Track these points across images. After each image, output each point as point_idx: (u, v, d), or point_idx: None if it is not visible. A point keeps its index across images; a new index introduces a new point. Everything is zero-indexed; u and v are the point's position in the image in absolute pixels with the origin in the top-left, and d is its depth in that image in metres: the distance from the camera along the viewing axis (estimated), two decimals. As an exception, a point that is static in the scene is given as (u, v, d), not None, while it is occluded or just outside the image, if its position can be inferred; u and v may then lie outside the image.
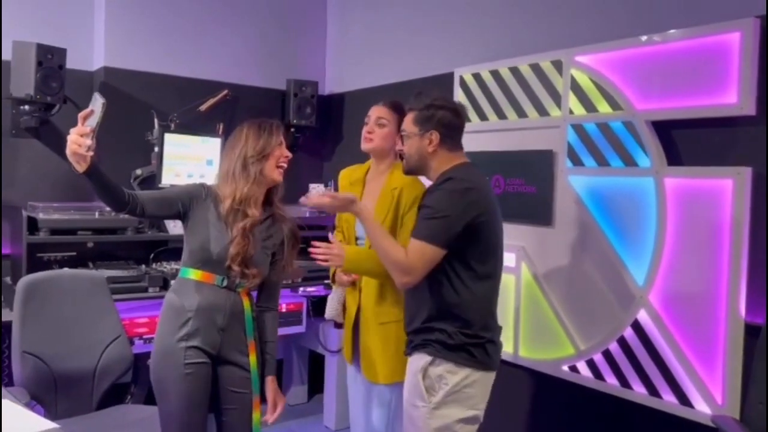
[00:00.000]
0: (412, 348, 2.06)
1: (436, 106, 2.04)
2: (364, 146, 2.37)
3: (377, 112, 2.36)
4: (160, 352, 2.08)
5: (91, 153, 1.81)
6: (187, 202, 2.10)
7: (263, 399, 2.18)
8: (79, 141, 1.79)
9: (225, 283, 2.09)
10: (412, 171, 2.12)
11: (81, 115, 1.82)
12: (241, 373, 2.14)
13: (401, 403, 2.27)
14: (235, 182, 2.10)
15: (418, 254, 1.91)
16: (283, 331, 3.56)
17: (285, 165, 2.16)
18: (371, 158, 2.43)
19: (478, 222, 1.93)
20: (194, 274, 2.10)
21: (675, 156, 2.42)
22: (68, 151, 1.80)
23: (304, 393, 4.17)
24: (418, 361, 2.00)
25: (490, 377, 2.03)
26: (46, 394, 2.44)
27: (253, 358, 2.16)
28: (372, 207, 2.30)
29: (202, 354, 2.07)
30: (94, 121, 1.84)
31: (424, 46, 3.65)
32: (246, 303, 2.15)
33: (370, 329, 2.32)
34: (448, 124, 2.04)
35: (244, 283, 2.12)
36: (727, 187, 2.23)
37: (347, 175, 2.51)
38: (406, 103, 2.14)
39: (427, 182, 2.17)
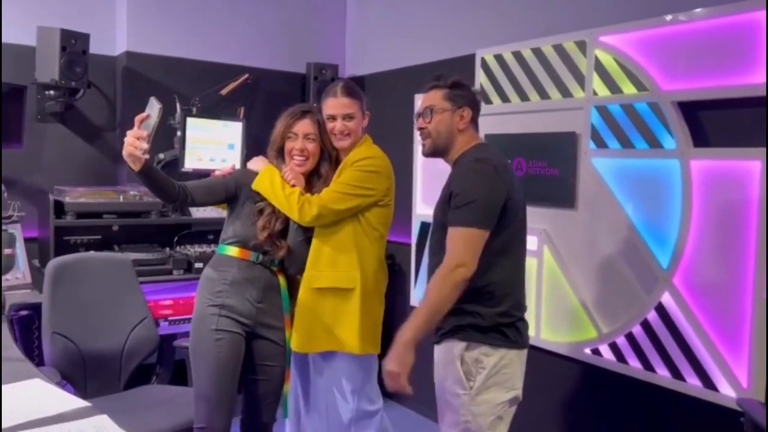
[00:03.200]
0: (441, 336, 2.02)
1: (464, 86, 2.07)
2: (340, 144, 2.24)
3: (340, 107, 2.20)
4: (195, 319, 2.21)
5: (147, 156, 1.91)
6: (232, 188, 2.20)
7: None
8: (135, 144, 1.88)
9: (260, 259, 2.19)
10: (437, 150, 2.06)
11: (138, 118, 1.91)
12: (274, 348, 2.24)
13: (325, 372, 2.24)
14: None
15: (461, 242, 1.87)
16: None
17: (299, 157, 2.17)
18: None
19: (507, 200, 1.92)
20: (231, 251, 2.20)
21: (701, 137, 2.39)
22: (125, 153, 1.90)
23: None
24: (452, 348, 1.97)
25: (523, 355, 2.02)
26: (76, 374, 2.50)
27: (288, 333, 2.25)
28: None
29: (235, 324, 2.16)
30: (150, 126, 1.90)
31: (445, 27, 3.62)
32: (282, 280, 2.24)
33: (301, 294, 2.24)
34: (477, 104, 2.08)
35: (277, 262, 2.21)
36: (754, 169, 2.19)
37: None
38: (427, 83, 2.11)
39: None
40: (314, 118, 2.22)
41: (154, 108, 1.91)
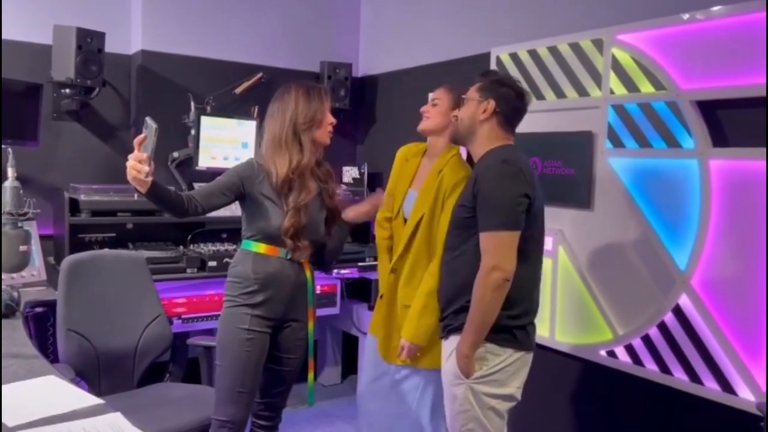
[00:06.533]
0: (448, 331, 2.05)
1: (502, 82, 2.09)
2: (419, 126, 2.39)
3: (432, 94, 2.39)
4: (226, 315, 2.20)
5: (150, 178, 1.89)
6: (239, 186, 2.17)
7: (304, 363, 2.35)
8: (137, 167, 1.87)
9: (290, 255, 2.19)
10: (459, 137, 2.13)
11: (136, 141, 1.89)
12: (296, 341, 2.28)
13: (429, 389, 2.30)
14: (288, 151, 2.15)
15: (492, 246, 1.89)
16: (317, 312, 3.59)
17: (332, 130, 2.23)
18: (429, 139, 2.42)
19: (530, 204, 1.93)
20: (258, 248, 2.19)
21: (721, 137, 2.35)
22: (129, 178, 1.89)
23: (338, 374, 4.21)
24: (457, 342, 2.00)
25: (528, 358, 2.04)
26: (90, 371, 2.50)
27: (311, 325, 2.30)
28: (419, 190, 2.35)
29: (265, 323, 2.18)
30: (149, 147, 1.89)
31: (459, 25, 3.60)
32: (308, 273, 2.26)
33: (395, 311, 2.34)
34: (509, 101, 2.07)
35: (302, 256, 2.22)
36: (776, 169, 2.15)
37: (404, 153, 2.51)
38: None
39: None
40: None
41: (150, 128, 1.90)
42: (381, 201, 2.39)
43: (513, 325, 1.96)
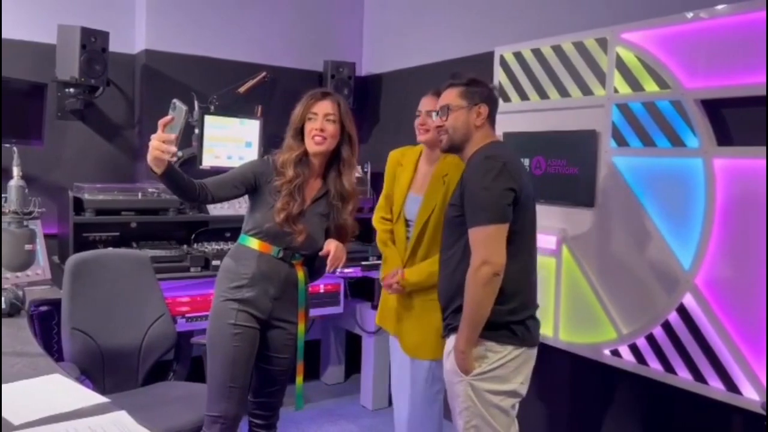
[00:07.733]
0: (449, 330, 2.06)
1: (481, 83, 2.09)
2: (420, 138, 2.39)
3: (427, 104, 2.36)
4: (214, 311, 2.21)
5: (174, 159, 1.91)
6: (251, 180, 2.20)
7: (307, 363, 2.35)
8: (162, 148, 1.86)
9: (281, 254, 2.19)
10: (453, 146, 2.09)
11: (161, 122, 1.89)
12: (285, 340, 2.27)
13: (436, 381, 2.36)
14: (282, 152, 2.23)
15: (479, 241, 1.90)
16: (320, 311, 3.60)
17: (318, 136, 2.17)
18: (425, 147, 2.45)
19: (516, 196, 1.93)
20: (253, 243, 2.20)
21: (725, 136, 2.34)
22: (150, 157, 1.89)
23: (341, 373, 4.21)
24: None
25: (531, 353, 2.04)
26: (95, 370, 2.51)
27: (301, 327, 2.28)
28: (423, 193, 2.38)
29: (252, 319, 2.18)
30: (177, 128, 1.89)
31: (463, 25, 3.60)
32: (300, 275, 2.25)
33: (411, 303, 2.38)
34: (494, 101, 2.11)
35: (298, 256, 2.21)
36: (780, 168, 2.15)
37: (397, 157, 2.55)
38: (444, 83, 2.17)
39: None
40: (335, 99, 2.23)
41: (180, 111, 1.90)
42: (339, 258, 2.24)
43: (511, 320, 1.95)
